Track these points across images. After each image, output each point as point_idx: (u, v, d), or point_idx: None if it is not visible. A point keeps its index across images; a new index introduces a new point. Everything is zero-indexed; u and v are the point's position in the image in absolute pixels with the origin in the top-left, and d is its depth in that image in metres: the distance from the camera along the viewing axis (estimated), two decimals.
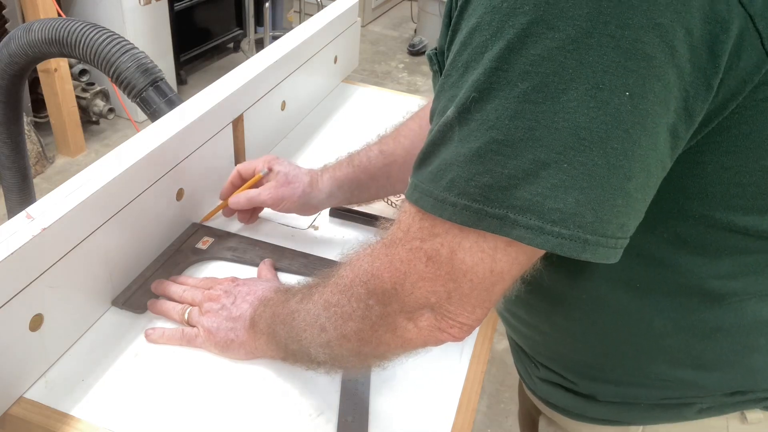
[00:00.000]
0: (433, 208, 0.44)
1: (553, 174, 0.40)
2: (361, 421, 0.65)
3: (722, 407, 0.61)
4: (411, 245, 0.46)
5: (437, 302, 0.47)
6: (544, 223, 0.41)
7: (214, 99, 0.91)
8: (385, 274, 0.48)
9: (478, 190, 0.42)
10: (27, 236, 0.62)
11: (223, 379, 0.69)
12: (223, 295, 0.73)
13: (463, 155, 0.42)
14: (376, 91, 1.39)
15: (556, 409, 0.70)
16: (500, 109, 0.40)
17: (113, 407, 0.65)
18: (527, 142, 0.40)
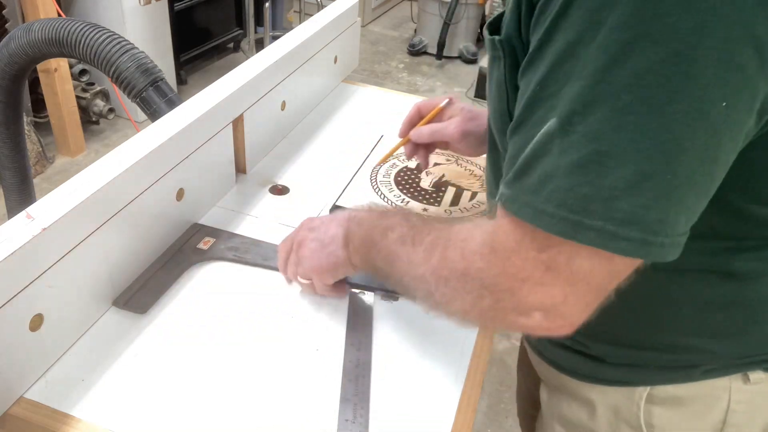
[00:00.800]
0: (533, 218, 0.46)
1: (657, 185, 0.42)
2: (361, 421, 0.65)
3: (726, 368, 0.64)
4: (527, 255, 0.49)
5: (552, 305, 0.49)
6: (647, 234, 0.43)
7: (214, 99, 0.91)
8: (502, 279, 0.51)
9: (578, 201, 0.43)
10: (27, 236, 0.62)
11: (223, 378, 0.69)
12: (308, 234, 0.74)
13: (563, 167, 0.44)
14: (376, 91, 1.39)
15: (564, 371, 0.73)
16: (603, 121, 0.42)
17: (113, 407, 0.65)
18: (631, 153, 0.41)
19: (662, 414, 0.67)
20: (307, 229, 0.76)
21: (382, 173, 1.06)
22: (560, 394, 0.77)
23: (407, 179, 1.05)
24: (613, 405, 0.69)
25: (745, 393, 0.65)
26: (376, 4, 4.68)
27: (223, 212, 0.95)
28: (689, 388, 0.65)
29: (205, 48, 3.48)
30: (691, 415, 0.66)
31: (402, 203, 0.98)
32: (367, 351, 0.73)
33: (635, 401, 0.67)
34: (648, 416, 0.67)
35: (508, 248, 0.50)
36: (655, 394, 0.66)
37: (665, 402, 0.66)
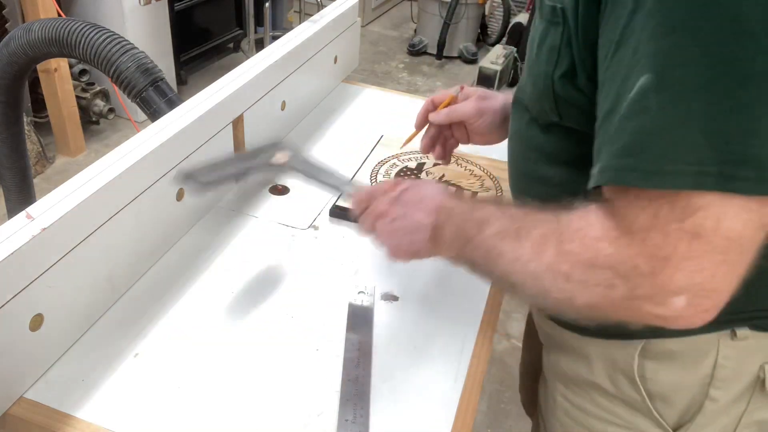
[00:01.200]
0: (644, 182, 0.46)
1: (766, 125, 0.43)
2: (361, 421, 0.65)
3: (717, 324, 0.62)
4: (667, 229, 0.47)
5: (701, 282, 0.47)
6: (764, 171, 0.44)
7: (214, 99, 0.91)
8: (641, 260, 0.48)
9: (691, 151, 0.44)
10: (27, 236, 0.62)
11: (223, 378, 0.69)
12: (391, 208, 0.68)
13: (668, 121, 0.44)
14: (376, 91, 1.39)
15: (566, 326, 0.76)
16: (706, 70, 0.43)
17: (113, 407, 0.65)
18: (740, 98, 0.43)
19: (655, 368, 0.69)
20: (390, 201, 0.69)
21: (381, 173, 1.06)
22: (561, 353, 0.80)
23: (407, 179, 1.05)
24: (610, 357, 0.72)
25: (732, 348, 0.67)
26: (376, 4, 4.68)
27: (223, 212, 0.95)
28: (681, 342, 0.68)
29: (205, 48, 3.47)
30: (681, 369, 0.69)
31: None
32: (367, 351, 0.73)
33: (630, 353, 0.70)
34: (642, 370, 0.70)
35: (644, 225, 0.48)
36: (648, 348, 0.69)
37: (657, 356, 0.69)
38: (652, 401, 0.71)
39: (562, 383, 0.80)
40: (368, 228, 0.71)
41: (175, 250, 0.87)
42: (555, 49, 0.60)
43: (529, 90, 0.68)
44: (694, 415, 0.70)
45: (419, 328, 0.78)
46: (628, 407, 0.73)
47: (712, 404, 0.70)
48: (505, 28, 4.07)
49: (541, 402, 0.88)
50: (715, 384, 0.69)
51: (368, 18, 4.61)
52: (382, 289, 0.83)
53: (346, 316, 0.78)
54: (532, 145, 0.72)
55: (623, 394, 0.73)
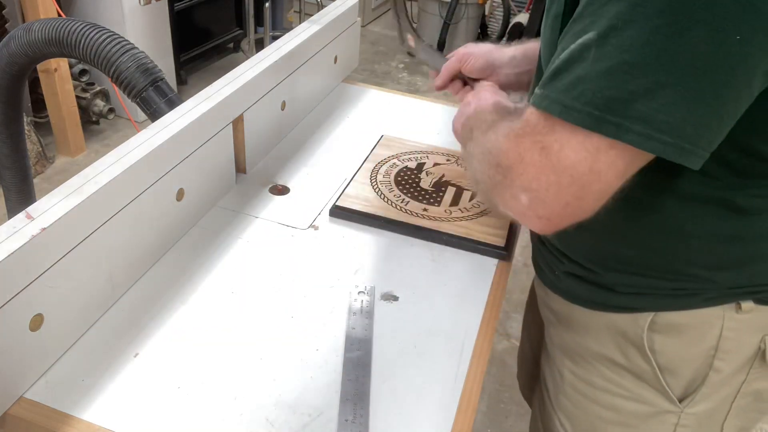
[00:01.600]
0: (561, 113, 0.53)
1: (668, 94, 0.50)
2: (361, 421, 0.65)
3: (723, 297, 0.70)
4: (534, 138, 0.56)
5: (537, 189, 0.56)
6: (653, 131, 0.51)
7: (214, 99, 0.91)
8: (510, 153, 0.59)
9: (603, 101, 0.51)
10: (27, 236, 0.62)
11: (222, 378, 0.69)
12: (470, 97, 0.85)
13: (595, 72, 0.52)
14: (376, 91, 1.39)
15: (576, 300, 0.79)
16: (635, 36, 0.50)
17: (113, 407, 0.65)
18: (652, 65, 0.49)
19: (663, 341, 0.73)
20: (474, 94, 0.86)
21: (382, 173, 1.06)
22: (568, 330, 0.82)
23: (407, 179, 1.05)
24: (620, 329, 0.75)
25: (737, 321, 0.71)
26: (376, 4, 4.68)
27: (223, 212, 0.95)
28: (688, 315, 0.71)
29: (205, 48, 3.47)
30: (688, 342, 0.72)
31: (402, 203, 0.98)
32: (367, 351, 0.73)
33: (640, 325, 0.73)
34: (650, 342, 0.73)
35: (524, 132, 0.57)
36: (657, 321, 0.72)
37: (665, 329, 0.73)
38: (661, 373, 0.74)
39: (569, 358, 0.83)
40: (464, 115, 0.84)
41: (175, 250, 0.87)
42: (558, 16, 0.64)
43: (543, 56, 0.72)
44: (699, 386, 0.73)
45: (419, 328, 0.78)
46: (636, 378, 0.76)
47: (716, 375, 0.73)
48: (505, 28, 4.07)
49: (547, 381, 0.90)
50: (719, 356, 0.72)
51: (368, 18, 4.61)
52: (382, 289, 0.83)
53: (346, 316, 0.78)
54: None
55: (633, 365, 0.75)
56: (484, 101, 0.80)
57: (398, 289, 0.83)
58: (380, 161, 1.09)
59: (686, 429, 0.76)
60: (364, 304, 0.80)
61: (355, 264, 0.87)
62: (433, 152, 1.13)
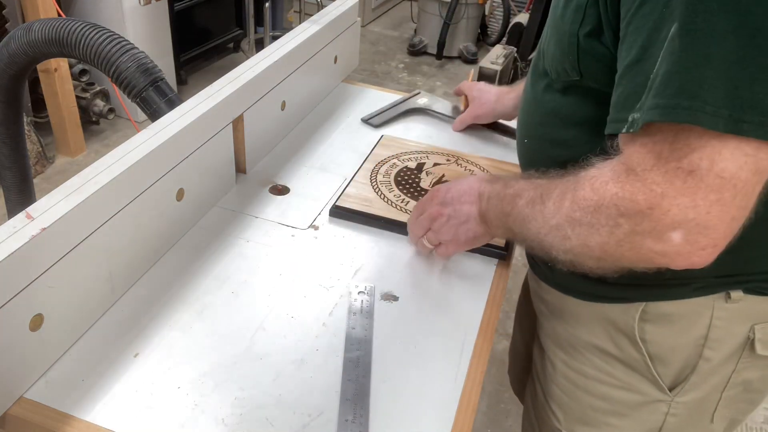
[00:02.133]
0: (664, 116, 0.49)
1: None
2: (361, 421, 0.65)
3: (713, 287, 0.70)
4: (667, 167, 0.51)
5: (696, 218, 0.50)
6: (765, 117, 0.46)
7: (214, 99, 0.91)
8: (640, 196, 0.52)
9: (710, 93, 0.47)
10: (27, 236, 0.62)
11: (222, 378, 0.69)
12: (442, 209, 0.79)
13: (691, 61, 0.47)
14: (376, 91, 1.39)
15: (568, 291, 0.79)
16: (726, 22, 0.46)
17: (113, 407, 0.65)
18: (750, 49, 0.46)
19: (654, 330, 0.73)
20: (439, 203, 0.80)
21: (382, 173, 1.06)
22: (560, 321, 0.83)
23: (407, 179, 1.05)
24: (611, 319, 0.75)
25: (726, 310, 0.71)
26: (376, 4, 4.68)
27: (223, 212, 0.95)
28: (678, 305, 0.71)
29: (205, 48, 3.47)
30: (678, 331, 0.72)
31: (402, 203, 0.98)
32: (367, 351, 0.73)
33: (631, 315, 0.73)
34: (642, 332, 0.73)
35: (647, 165, 0.52)
36: (648, 310, 0.72)
37: (656, 319, 0.72)
38: (652, 362, 0.74)
39: (561, 349, 0.84)
40: (423, 231, 0.82)
41: (175, 250, 0.87)
42: (581, 8, 0.63)
43: (551, 51, 0.71)
44: (689, 375, 0.74)
45: (419, 328, 0.78)
46: (627, 368, 0.76)
47: (706, 364, 0.73)
48: (505, 28, 4.07)
49: (539, 371, 0.91)
50: (708, 344, 0.72)
51: (368, 18, 4.61)
52: (382, 289, 0.83)
53: (346, 316, 0.78)
54: (548, 108, 0.75)
55: (624, 355, 0.76)
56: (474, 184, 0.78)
57: (398, 289, 0.83)
58: (380, 161, 1.09)
59: (676, 418, 0.77)
60: (364, 304, 0.80)
61: (355, 264, 0.87)
62: (433, 152, 1.13)
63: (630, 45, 0.54)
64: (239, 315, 0.77)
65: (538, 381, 0.92)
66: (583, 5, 0.63)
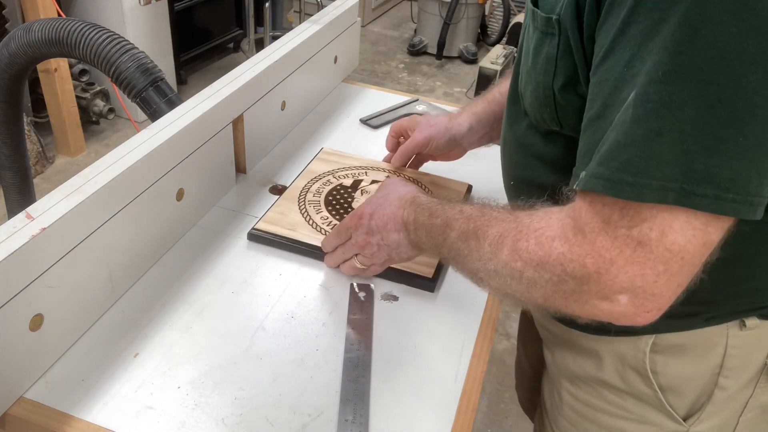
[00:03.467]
0: (607, 189, 0.48)
1: (730, 148, 0.45)
2: (361, 421, 0.65)
3: (725, 316, 0.67)
4: (616, 233, 0.50)
5: (643, 286, 0.50)
6: (720, 191, 0.46)
7: (214, 99, 0.91)
8: (588, 260, 0.51)
9: (658, 167, 0.46)
10: (27, 236, 0.62)
11: (222, 378, 0.69)
12: (369, 239, 0.78)
13: (640, 135, 0.46)
14: (376, 91, 1.39)
15: (572, 325, 0.76)
16: (683, 90, 0.45)
17: (113, 407, 0.65)
18: (708, 120, 0.45)
19: (665, 362, 0.70)
20: (365, 233, 0.78)
21: (313, 191, 0.97)
22: (567, 352, 0.80)
23: (339, 199, 0.96)
24: (619, 354, 0.72)
25: (741, 338, 0.68)
26: (376, 4, 4.68)
27: (223, 212, 0.95)
28: (690, 335, 0.69)
29: (205, 48, 3.48)
30: (692, 362, 0.70)
31: (328, 227, 0.89)
32: (367, 351, 0.73)
33: (641, 349, 0.71)
34: (653, 364, 0.71)
35: (595, 228, 0.51)
36: (658, 342, 0.70)
37: (667, 350, 0.70)
38: (664, 394, 0.72)
39: (569, 380, 0.80)
40: (350, 255, 0.81)
41: (175, 250, 0.87)
42: (552, 59, 0.60)
43: (528, 97, 0.68)
44: (704, 404, 0.72)
45: (419, 328, 0.78)
46: (639, 401, 0.74)
47: (722, 393, 0.71)
48: (505, 28, 4.07)
49: (546, 400, 0.89)
50: (724, 373, 0.70)
51: (368, 18, 4.61)
52: (382, 289, 0.83)
53: (346, 315, 0.78)
54: (533, 152, 0.72)
55: (633, 390, 0.73)
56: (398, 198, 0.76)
57: (398, 289, 0.83)
58: (313, 178, 1.01)
59: None
60: (364, 304, 0.80)
61: None
62: (374, 168, 1.04)
63: (593, 98, 0.53)
64: (239, 315, 0.77)
65: (545, 410, 0.89)
66: (553, 57, 0.60)
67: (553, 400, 0.85)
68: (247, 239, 0.90)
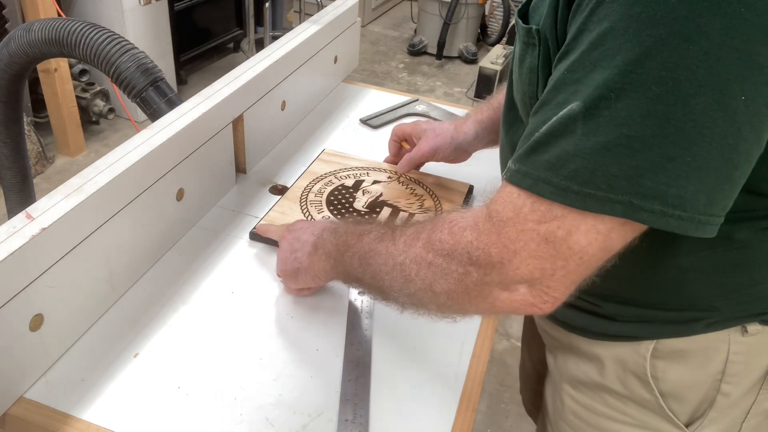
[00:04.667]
0: (554, 195, 0.49)
1: (678, 166, 0.46)
2: (361, 421, 0.65)
3: (726, 322, 0.68)
4: (524, 227, 0.51)
5: (541, 278, 0.52)
6: (667, 207, 0.47)
7: (214, 99, 0.91)
8: (493, 249, 0.53)
9: (604, 179, 0.47)
10: (27, 236, 0.62)
11: (222, 378, 0.69)
12: (287, 235, 0.78)
13: (589, 148, 0.47)
14: (376, 91, 1.39)
15: (574, 330, 0.76)
16: (632, 108, 0.46)
17: (113, 407, 0.65)
18: (657, 138, 0.46)
19: (666, 367, 0.70)
20: (289, 230, 0.79)
21: (314, 191, 0.99)
22: (568, 356, 0.80)
23: (341, 199, 0.97)
24: (620, 359, 0.73)
25: (743, 344, 0.69)
26: (376, 4, 4.68)
27: (223, 212, 0.95)
28: (691, 341, 0.69)
29: (205, 48, 3.47)
30: (693, 367, 0.70)
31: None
32: (367, 351, 0.73)
33: (642, 354, 0.71)
34: (653, 370, 0.71)
35: (504, 218, 0.52)
36: (659, 348, 0.70)
37: (669, 356, 0.70)
38: (665, 400, 0.72)
39: (570, 385, 0.80)
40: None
41: (175, 250, 0.87)
42: (534, 70, 0.61)
43: (519, 105, 0.69)
44: (706, 410, 0.71)
45: (419, 328, 0.78)
46: (640, 407, 0.74)
47: (724, 399, 0.71)
48: (505, 28, 4.07)
49: (548, 404, 0.88)
50: (726, 379, 0.70)
51: (368, 18, 4.61)
52: None
53: (346, 316, 0.78)
54: None
55: (634, 395, 0.73)
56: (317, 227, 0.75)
57: None
58: (315, 178, 1.02)
59: None
60: (364, 304, 0.80)
61: None
62: (375, 168, 1.06)
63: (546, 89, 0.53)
64: (239, 315, 0.77)
65: (547, 414, 0.89)
66: (535, 67, 0.61)
67: (556, 405, 0.85)
68: (247, 239, 0.90)
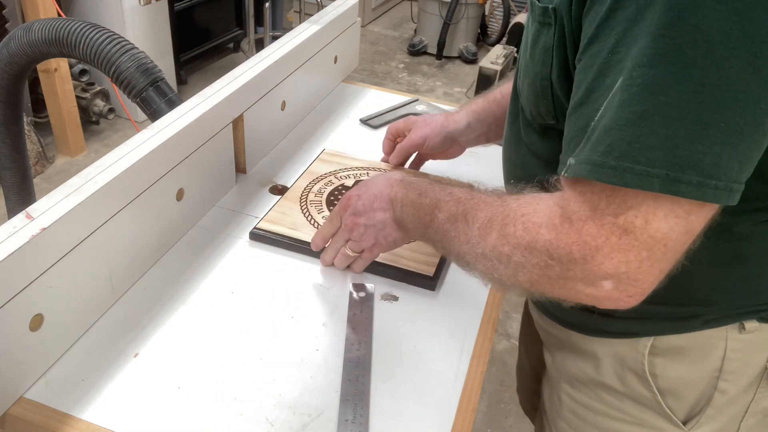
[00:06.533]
0: (591, 173, 0.49)
1: (713, 133, 0.45)
2: (361, 421, 0.65)
3: (724, 318, 0.68)
4: (602, 221, 0.51)
5: (627, 272, 0.51)
6: (703, 177, 0.46)
7: (214, 99, 0.91)
8: (575, 248, 0.52)
9: (642, 151, 0.46)
10: (27, 236, 0.62)
11: (222, 378, 0.69)
12: (357, 219, 0.78)
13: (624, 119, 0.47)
14: (376, 91, 1.39)
15: (572, 327, 0.76)
16: (667, 74, 0.45)
17: (113, 407, 0.65)
18: (692, 104, 0.45)
19: (664, 364, 0.70)
20: (352, 214, 0.79)
21: (314, 191, 0.98)
22: (566, 353, 0.80)
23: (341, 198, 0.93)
24: (618, 355, 0.73)
25: (740, 341, 0.69)
26: (376, 4, 4.68)
27: (223, 212, 0.95)
28: (689, 338, 0.69)
29: (205, 48, 3.48)
30: (691, 364, 0.70)
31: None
32: (367, 351, 0.73)
33: (640, 351, 0.71)
34: (651, 367, 0.71)
35: (582, 216, 0.52)
36: (657, 345, 0.70)
37: (666, 353, 0.70)
38: (663, 397, 0.72)
39: (568, 383, 0.80)
40: (343, 243, 0.81)
41: (175, 250, 0.87)
42: (549, 50, 0.61)
43: (526, 90, 0.68)
44: (704, 407, 0.71)
45: (419, 328, 0.78)
46: (638, 404, 0.74)
47: (722, 396, 0.71)
48: (505, 28, 4.07)
49: (546, 402, 0.88)
50: (723, 377, 0.70)
51: (368, 18, 4.61)
52: (382, 289, 0.83)
53: (346, 315, 0.78)
54: (531, 150, 0.72)
55: (632, 392, 0.73)
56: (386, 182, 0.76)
57: (398, 289, 0.83)
58: (315, 178, 1.01)
59: None
60: (364, 304, 0.80)
61: None
62: (375, 168, 1.05)
63: (578, 85, 0.53)
64: (239, 315, 0.77)
65: (544, 413, 0.89)
66: (550, 47, 0.60)
67: (553, 403, 0.85)
68: (248, 239, 0.90)
